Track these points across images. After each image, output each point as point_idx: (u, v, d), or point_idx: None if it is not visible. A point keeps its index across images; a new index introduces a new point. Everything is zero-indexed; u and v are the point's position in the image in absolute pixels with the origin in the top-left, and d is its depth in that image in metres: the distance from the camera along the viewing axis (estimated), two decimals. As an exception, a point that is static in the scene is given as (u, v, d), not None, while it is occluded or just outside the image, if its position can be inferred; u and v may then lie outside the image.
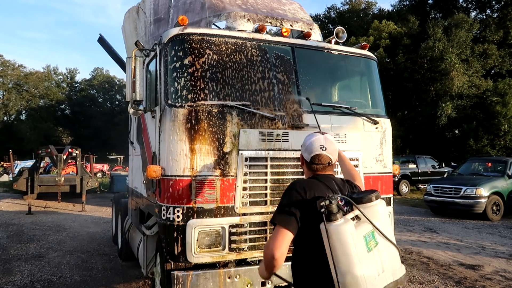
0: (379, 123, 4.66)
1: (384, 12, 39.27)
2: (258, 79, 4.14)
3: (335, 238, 1.90)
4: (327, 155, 2.28)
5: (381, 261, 2.00)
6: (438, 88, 28.08)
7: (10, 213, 13.22)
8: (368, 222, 2.00)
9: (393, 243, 2.09)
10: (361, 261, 1.89)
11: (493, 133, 26.57)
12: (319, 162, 2.28)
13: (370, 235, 2.00)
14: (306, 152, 2.32)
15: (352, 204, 2.02)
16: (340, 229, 1.91)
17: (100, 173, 30.97)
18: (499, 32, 30.17)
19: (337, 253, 1.90)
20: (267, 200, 3.98)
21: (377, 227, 2.02)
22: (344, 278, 1.89)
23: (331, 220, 1.93)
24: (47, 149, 15.85)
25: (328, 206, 1.93)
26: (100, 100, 69.33)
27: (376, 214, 2.05)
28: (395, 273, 2.06)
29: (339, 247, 1.90)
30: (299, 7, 5.50)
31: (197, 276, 3.70)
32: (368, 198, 2.05)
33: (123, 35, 7.01)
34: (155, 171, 3.86)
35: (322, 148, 2.27)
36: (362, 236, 1.95)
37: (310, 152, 2.29)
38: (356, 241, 1.91)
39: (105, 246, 8.45)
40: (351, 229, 1.92)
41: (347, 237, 1.90)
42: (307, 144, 2.33)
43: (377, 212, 2.05)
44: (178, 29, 4.06)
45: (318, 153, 2.27)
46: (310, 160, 2.29)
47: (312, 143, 2.30)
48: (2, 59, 57.40)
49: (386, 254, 2.04)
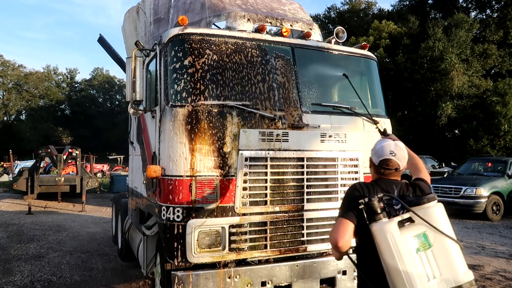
0: (379, 123, 4.66)
1: (384, 12, 39.25)
2: (258, 79, 4.14)
3: (378, 236, 2.05)
4: (396, 160, 2.37)
5: (436, 264, 2.04)
6: (438, 88, 28.07)
7: (10, 213, 13.22)
8: (421, 224, 2.07)
9: (456, 241, 2.10)
10: (405, 259, 1.99)
11: (493, 133, 26.56)
12: (387, 166, 2.38)
13: (422, 236, 2.06)
14: (375, 156, 2.43)
15: (405, 207, 2.13)
16: (382, 227, 2.05)
17: (100, 173, 30.95)
18: (499, 32, 30.15)
19: (382, 250, 2.05)
20: (267, 200, 3.98)
21: (432, 226, 2.06)
22: (390, 273, 2.02)
23: (374, 220, 2.08)
24: (47, 149, 15.84)
25: (367, 205, 2.08)
26: (100, 100, 69.31)
27: (430, 215, 2.09)
28: (457, 278, 2.03)
29: (382, 244, 2.04)
30: (299, 7, 5.50)
31: (197, 276, 3.70)
32: (420, 201, 2.14)
33: (123, 35, 7.01)
34: (155, 171, 3.86)
35: (392, 154, 2.37)
36: (409, 236, 2.05)
37: (380, 156, 2.39)
38: (400, 240, 2.01)
39: (105, 246, 8.45)
40: (394, 228, 2.04)
41: (388, 236, 2.02)
42: (377, 148, 2.44)
43: (432, 214, 2.10)
44: (178, 29, 4.06)
45: (387, 158, 2.37)
46: (378, 163, 2.40)
47: (382, 147, 2.41)
48: (2, 59, 57.41)
49: (442, 258, 2.05)
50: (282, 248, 4.05)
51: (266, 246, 3.97)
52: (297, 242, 4.11)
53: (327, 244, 4.25)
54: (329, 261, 4.20)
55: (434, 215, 2.10)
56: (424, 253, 2.03)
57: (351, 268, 4.26)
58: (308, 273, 4.07)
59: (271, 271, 3.93)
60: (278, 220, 4.02)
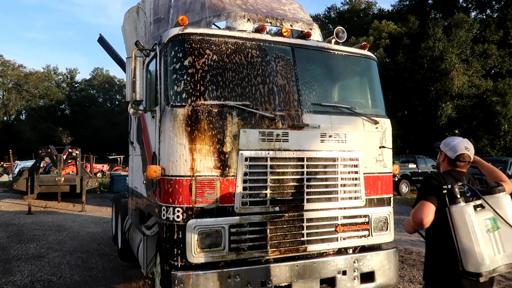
0: (379, 123, 4.66)
1: (384, 12, 39.29)
2: (258, 79, 4.14)
3: (457, 216, 2.43)
4: (469, 154, 2.83)
5: (501, 243, 2.45)
6: (438, 88, 28.09)
7: (10, 213, 13.22)
8: (490, 210, 2.46)
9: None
10: (478, 237, 2.39)
11: (493, 133, 26.59)
12: (463, 159, 2.82)
13: (492, 220, 2.46)
14: (451, 151, 2.83)
15: (478, 195, 2.50)
16: (461, 209, 2.44)
17: (100, 173, 30.91)
18: (499, 32, 30.18)
19: (458, 228, 2.42)
20: (267, 200, 3.98)
21: (498, 213, 2.46)
22: (463, 247, 2.40)
23: (454, 203, 2.46)
24: (47, 149, 15.82)
25: (450, 190, 2.49)
26: (100, 100, 69.34)
27: (500, 204, 2.50)
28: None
29: (460, 223, 2.42)
30: (299, 7, 5.50)
31: (197, 276, 3.70)
32: (491, 190, 2.55)
33: (123, 35, 7.01)
34: (155, 171, 3.86)
35: (466, 149, 2.81)
36: (482, 219, 2.44)
37: (456, 151, 2.81)
38: (475, 221, 2.41)
39: (105, 246, 8.45)
40: (471, 211, 2.43)
41: (466, 217, 2.41)
42: (452, 144, 2.85)
43: (501, 203, 2.51)
44: (178, 29, 4.06)
45: (463, 153, 2.80)
46: (455, 157, 2.82)
47: (457, 144, 2.83)
48: (2, 59, 57.47)
49: (507, 239, 2.46)
50: (282, 248, 4.05)
51: (266, 246, 3.97)
52: (297, 242, 4.11)
53: (327, 244, 4.25)
54: (329, 261, 4.20)
55: (503, 204, 2.51)
56: (492, 233, 2.44)
57: (351, 268, 4.27)
58: (308, 273, 4.07)
59: (271, 271, 3.93)
60: (278, 220, 4.02)
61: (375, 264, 4.42)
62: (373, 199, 4.56)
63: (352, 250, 4.56)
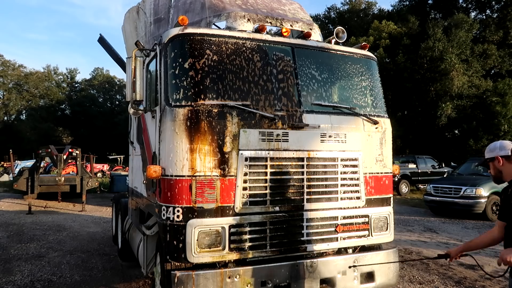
0: (379, 123, 4.67)
1: (384, 12, 39.28)
2: (258, 79, 4.14)
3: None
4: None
5: None
6: (438, 88, 28.09)
7: (10, 213, 13.23)
8: None
9: None
10: None
11: (493, 133, 26.56)
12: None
13: None
14: (503, 150, 2.82)
15: None
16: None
17: (100, 173, 30.91)
18: (499, 32, 30.19)
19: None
20: (267, 200, 3.99)
21: None
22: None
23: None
24: (47, 149, 15.83)
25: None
26: (100, 100, 69.32)
27: None
28: None
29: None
30: (299, 7, 5.50)
31: (197, 276, 3.70)
32: None
33: (123, 35, 7.02)
34: (155, 171, 3.87)
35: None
36: None
37: (506, 148, 2.80)
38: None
39: (105, 246, 8.46)
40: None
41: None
42: (498, 145, 2.87)
43: None
44: (178, 29, 4.06)
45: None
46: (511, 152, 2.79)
47: (501, 143, 2.86)
48: (3, 59, 57.48)
49: None
50: (282, 248, 4.05)
51: (266, 246, 3.97)
52: (297, 242, 4.11)
53: (327, 244, 4.25)
54: (329, 261, 4.20)
55: None
56: None
57: (351, 268, 4.27)
58: (308, 273, 4.08)
59: (271, 271, 3.93)
60: (278, 220, 4.03)
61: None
62: (373, 199, 4.56)
63: (352, 250, 4.56)
